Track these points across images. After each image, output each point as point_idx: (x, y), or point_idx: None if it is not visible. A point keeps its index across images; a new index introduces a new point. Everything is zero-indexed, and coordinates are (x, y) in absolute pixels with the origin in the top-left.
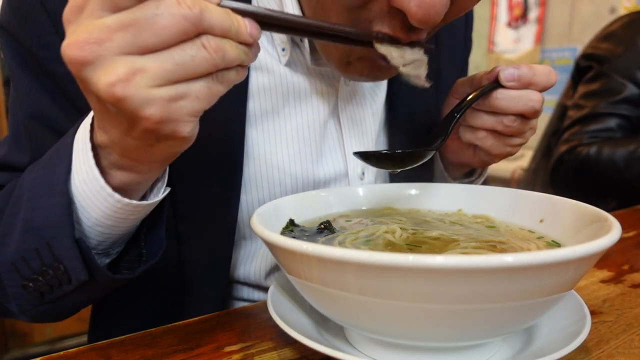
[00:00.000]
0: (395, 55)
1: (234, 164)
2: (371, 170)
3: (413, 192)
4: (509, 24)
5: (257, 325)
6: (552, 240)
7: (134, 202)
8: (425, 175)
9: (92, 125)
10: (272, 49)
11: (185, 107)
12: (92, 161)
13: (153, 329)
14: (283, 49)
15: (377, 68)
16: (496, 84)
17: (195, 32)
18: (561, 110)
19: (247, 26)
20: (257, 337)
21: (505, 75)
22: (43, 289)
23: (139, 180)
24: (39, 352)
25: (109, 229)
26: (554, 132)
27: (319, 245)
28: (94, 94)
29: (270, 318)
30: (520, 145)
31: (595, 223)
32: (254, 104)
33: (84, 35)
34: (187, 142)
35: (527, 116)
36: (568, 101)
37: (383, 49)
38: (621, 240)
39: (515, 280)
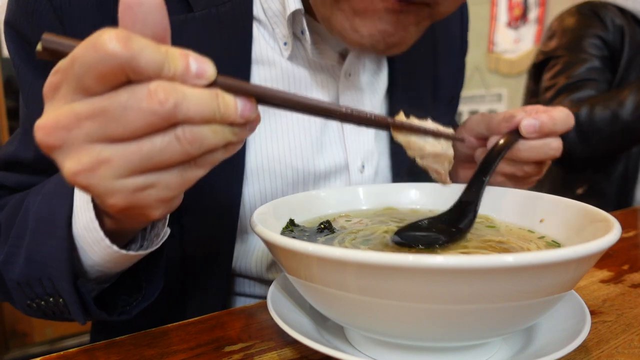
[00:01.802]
0: (414, 146)
1: (236, 156)
2: (372, 164)
3: (413, 192)
4: (509, 24)
5: (257, 325)
6: (552, 240)
7: (132, 252)
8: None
9: None
10: (274, 43)
11: (154, 195)
12: (92, 212)
13: (153, 329)
14: (285, 43)
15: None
16: (517, 135)
17: (167, 125)
18: None
19: (237, 107)
20: (257, 337)
21: (526, 128)
22: (45, 310)
23: (127, 229)
24: (39, 352)
25: (107, 269)
26: None
27: (319, 245)
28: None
29: (270, 318)
30: (537, 180)
31: (595, 223)
32: None
33: (53, 121)
34: (163, 215)
35: (546, 162)
36: (531, 100)
37: (401, 137)
38: (621, 240)
39: (515, 280)
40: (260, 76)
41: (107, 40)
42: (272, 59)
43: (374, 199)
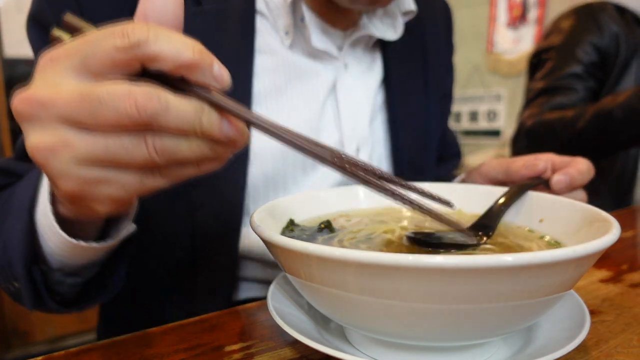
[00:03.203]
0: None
1: None
2: (366, 150)
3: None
4: (509, 25)
5: (257, 325)
6: (553, 240)
7: (82, 243)
8: None
9: None
10: (275, 34)
11: (105, 192)
12: (46, 196)
13: (153, 329)
14: (286, 33)
15: None
16: (539, 179)
17: (139, 129)
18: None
19: (221, 125)
20: (257, 337)
21: (558, 184)
22: (15, 297)
23: (83, 221)
24: (40, 351)
25: (66, 260)
26: (516, 132)
27: (319, 245)
28: None
29: (270, 318)
30: None
31: (594, 223)
32: (259, 84)
33: (34, 93)
34: (109, 213)
35: None
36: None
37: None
38: (620, 240)
39: (515, 280)
40: (262, 64)
41: (129, 28)
42: (274, 49)
43: (374, 198)
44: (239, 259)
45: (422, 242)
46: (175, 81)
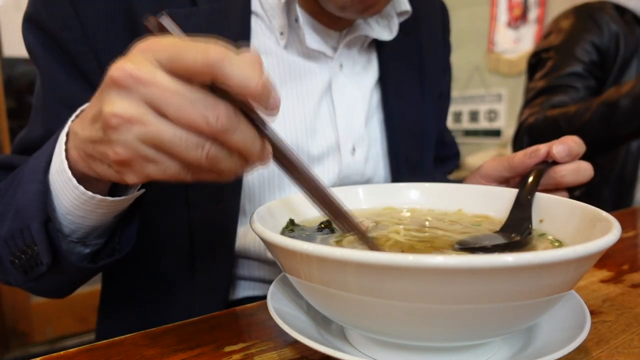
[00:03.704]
0: None
1: None
2: (362, 149)
3: (413, 192)
4: (509, 24)
5: (257, 325)
6: (553, 240)
7: (98, 196)
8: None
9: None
10: (270, 34)
11: (147, 169)
12: (63, 154)
13: (153, 329)
14: (281, 33)
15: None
16: (546, 163)
17: (209, 137)
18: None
19: (265, 155)
20: (257, 337)
21: (559, 153)
22: (25, 267)
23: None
24: (39, 351)
25: (79, 219)
26: (517, 130)
27: (319, 245)
28: (97, 103)
29: (270, 318)
30: None
31: (595, 223)
32: None
33: (134, 68)
34: (135, 182)
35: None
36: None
37: None
38: (621, 240)
39: (515, 280)
40: None
41: (211, 47)
42: (269, 49)
43: (373, 198)
44: (236, 258)
45: (474, 249)
46: (237, 100)
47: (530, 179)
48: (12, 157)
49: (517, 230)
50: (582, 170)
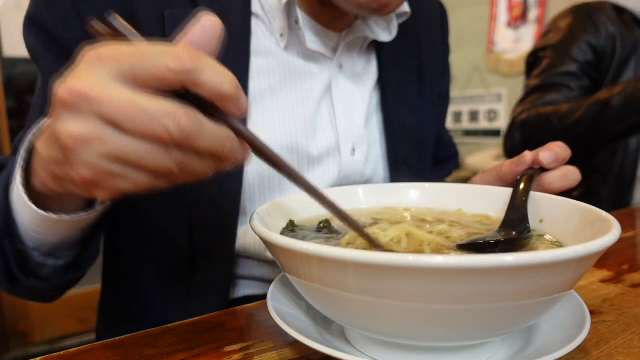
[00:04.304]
0: None
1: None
2: (362, 149)
3: (413, 191)
4: (509, 24)
5: (257, 325)
6: (553, 240)
7: (53, 216)
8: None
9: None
10: (271, 36)
11: (116, 184)
12: (19, 171)
13: (153, 329)
14: (281, 35)
15: None
16: (533, 170)
17: (172, 144)
18: None
19: (239, 152)
20: (257, 337)
21: (546, 159)
22: None
23: (57, 195)
24: (39, 351)
25: (41, 235)
26: (509, 126)
27: (319, 245)
28: (53, 122)
29: (270, 318)
30: None
31: (595, 223)
32: (254, 85)
33: (83, 87)
34: (107, 198)
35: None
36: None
37: None
38: (621, 240)
39: (515, 280)
40: (258, 66)
41: (182, 53)
42: (269, 50)
43: (374, 198)
44: (236, 257)
45: (474, 247)
46: (205, 104)
47: (522, 184)
48: (6, 158)
49: (516, 230)
50: (570, 175)
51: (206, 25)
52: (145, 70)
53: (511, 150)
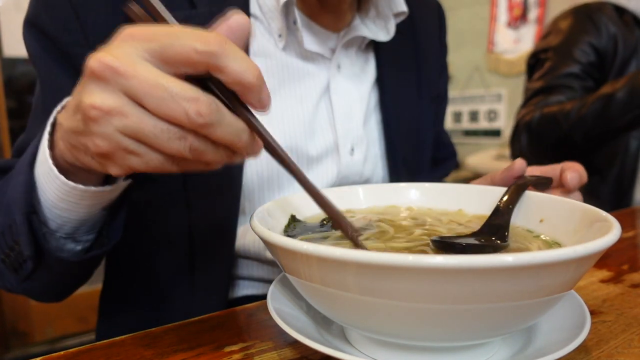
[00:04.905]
0: None
1: None
2: (361, 149)
3: (413, 191)
4: (509, 24)
5: (257, 325)
6: (553, 240)
7: (80, 186)
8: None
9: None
10: (269, 37)
11: (130, 161)
12: (46, 143)
13: (153, 329)
14: (280, 35)
15: None
16: (524, 178)
17: (190, 129)
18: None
19: (253, 147)
20: (257, 337)
21: (572, 181)
22: (15, 265)
23: (82, 172)
24: (39, 351)
25: (65, 212)
26: (514, 130)
27: (319, 245)
28: (78, 93)
29: (270, 318)
30: None
31: (595, 223)
32: None
33: (114, 59)
34: (119, 174)
35: None
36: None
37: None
38: (621, 240)
39: (515, 280)
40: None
41: (210, 37)
42: (268, 51)
43: (374, 198)
44: (235, 257)
45: (447, 246)
46: (227, 95)
47: (512, 191)
48: (11, 160)
49: (493, 236)
50: (583, 175)
51: (232, 25)
52: (173, 51)
53: (519, 153)
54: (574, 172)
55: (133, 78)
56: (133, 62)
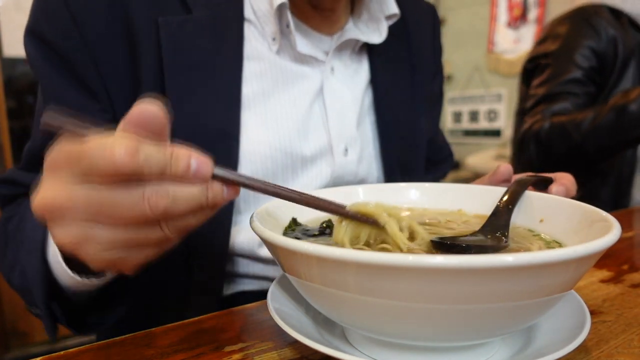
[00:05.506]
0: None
1: (232, 141)
2: (355, 150)
3: (413, 191)
4: (509, 24)
5: (257, 325)
6: (553, 240)
7: (86, 280)
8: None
9: None
10: (263, 40)
11: (132, 260)
12: (55, 246)
13: (153, 329)
14: (273, 39)
15: None
16: (528, 177)
17: (156, 221)
18: (521, 116)
19: (224, 193)
20: (257, 337)
21: (559, 195)
22: (40, 317)
23: None
24: (39, 351)
25: (79, 289)
26: (521, 139)
27: (319, 245)
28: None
29: (270, 318)
30: None
31: (595, 223)
32: (247, 89)
33: (51, 199)
34: (138, 269)
35: None
36: (526, 105)
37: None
38: (621, 240)
39: (515, 280)
40: (251, 70)
41: (117, 153)
42: (262, 55)
43: (374, 198)
44: (229, 255)
45: (448, 246)
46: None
47: (512, 191)
48: (16, 172)
49: (493, 236)
50: (572, 188)
51: (145, 118)
52: (93, 174)
53: (528, 162)
54: (560, 185)
55: (76, 206)
56: (66, 191)
